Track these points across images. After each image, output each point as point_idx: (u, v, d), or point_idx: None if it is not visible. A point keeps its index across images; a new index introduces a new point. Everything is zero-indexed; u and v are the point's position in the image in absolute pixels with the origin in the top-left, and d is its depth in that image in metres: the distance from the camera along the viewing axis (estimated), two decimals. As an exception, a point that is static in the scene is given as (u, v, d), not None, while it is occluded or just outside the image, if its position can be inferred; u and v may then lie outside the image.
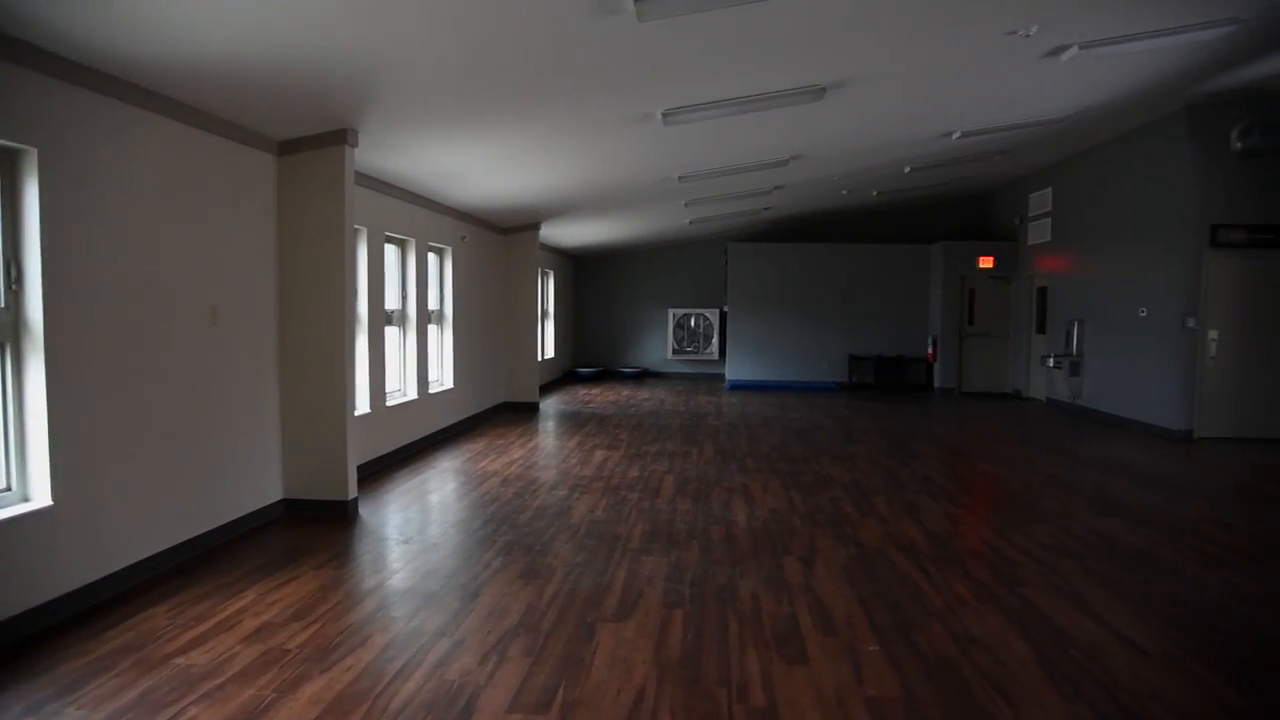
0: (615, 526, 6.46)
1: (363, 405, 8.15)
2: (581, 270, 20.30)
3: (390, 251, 9.25)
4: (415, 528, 6.55)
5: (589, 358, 20.28)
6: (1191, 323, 10.93)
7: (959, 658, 4.06)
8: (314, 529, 6.37)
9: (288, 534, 6.24)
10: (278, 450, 6.76)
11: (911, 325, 17.92)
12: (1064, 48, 7.23)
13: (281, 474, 6.80)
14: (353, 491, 6.90)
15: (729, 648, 4.17)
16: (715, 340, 19.64)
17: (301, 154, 6.67)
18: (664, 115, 7.50)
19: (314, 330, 6.76)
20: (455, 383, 11.18)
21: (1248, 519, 6.87)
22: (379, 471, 8.42)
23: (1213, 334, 10.95)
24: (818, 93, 7.46)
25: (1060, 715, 3.49)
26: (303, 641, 4.22)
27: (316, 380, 6.78)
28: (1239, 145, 10.54)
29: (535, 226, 13.56)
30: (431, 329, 10.66)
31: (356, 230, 7.95)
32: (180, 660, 3.98)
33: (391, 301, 9.30)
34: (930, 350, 17.44)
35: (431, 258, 10.62)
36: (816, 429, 11.79)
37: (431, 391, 10.39)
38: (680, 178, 10.91)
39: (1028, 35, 6.80)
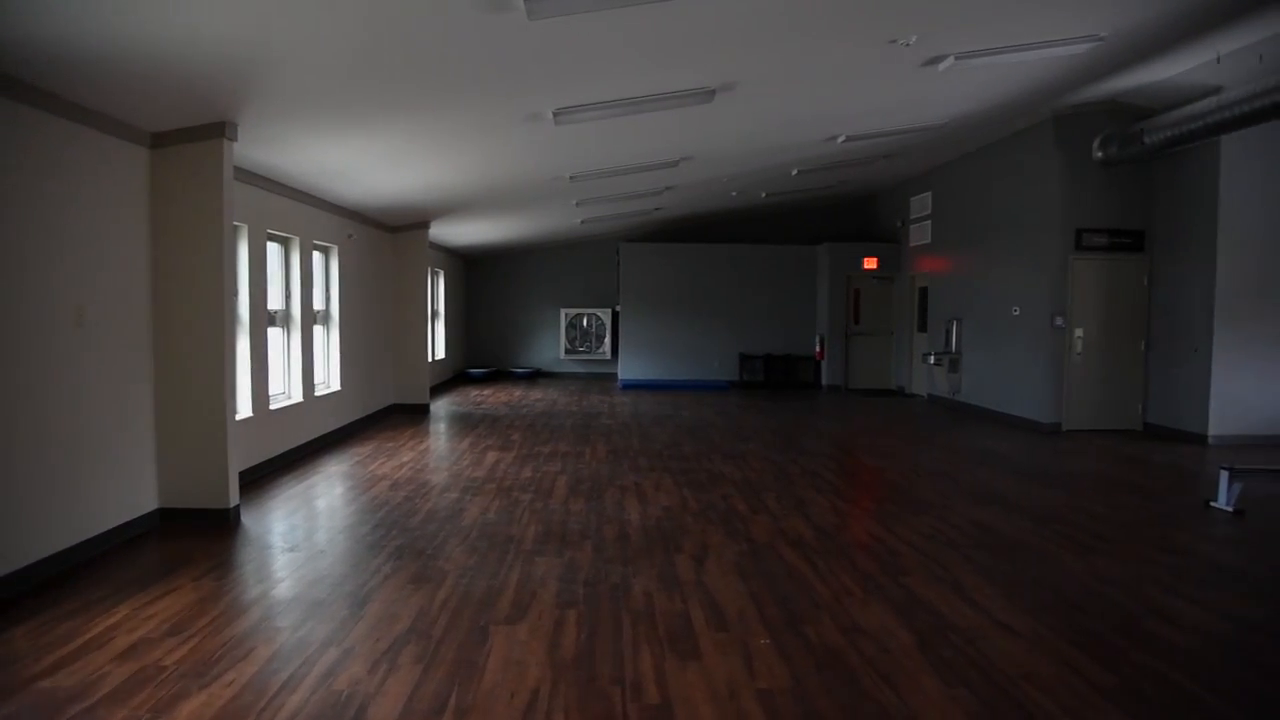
0: (508, 528, 6.41)
1: (244, 409, 7.84)
2: (473, 270, 20.05)
3: (273, 250, 8.94)
4: (301, 535, 6.35)
5: (481, 358, 20.05)
6: (1060, 321, 11.54)
7: (846, 648, 4.18)
8: (193, 539, 6.09)
9: (164, 545, 5.96)
10: (153, 457, 6.44)
11: (800, 324, 18.36)
12: (941, 58, 7.53)
13: (157, 482, 6.48)
14: (234, 499, 6.64)
15: (622, 646, 4.19)
16: (608, 340, 19.69)
17: (176, 147, 6.37)
18: (555, 115, 7.48)
19: (191, 331, 6.47)
20: (342, 385, 10.88)
21: (1108, 506, 7.30)
22: (263, 477, 8.12)
23: (1078, 332, 11.59)
24: (707, 95, 7.57)
25: (940, 699, 3.63)
26: (180, 658, 4.03)
27: (194, 384, 6.49)
28: (1100, 155, 11.19)
29: (425, 225, 13.33)
30: (317, 329, 10.35)
31: (237, 227, 7.64)
32: (44, 683, 3.75)
33: (275, 301, 8.98)
34: (818, 349, 17.90)
35: (317, 256, 10.30)
36: (708, 427, 11.95)
37: (318, 394, 10.08)
38: (571, 177, 10.89)
39: (907, 44, 7.05)
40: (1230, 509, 6.96)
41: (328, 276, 10.73)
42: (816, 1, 5.97)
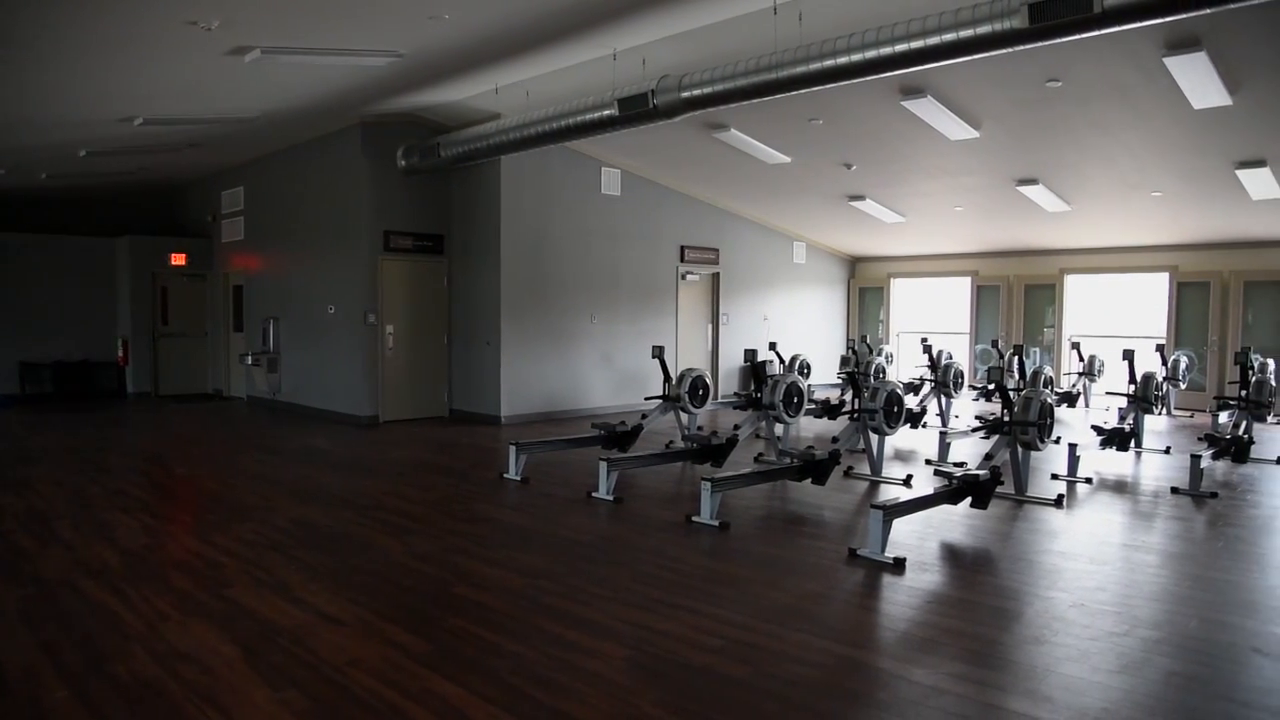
0: None
1: None
2: None
3: None
4: None
5: None
6: (372, 319, 12.15)
7: (164, 678, 3.85)
8: None
9: None
10: None
11: (98, 326, 16.22)
12: (248, 49, 7.34)
13: None
14: None
15: None
16: None
17: None
18: None
19: None
20: None
21: (421, 488, 7.95)
22: None
23: (390, 328, 12.36)
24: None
25: (270, 705, 3.57)
26: None
27: None
28: (403, 163, 12.07)
29: None
30: None
31: None
32: None
33: None
34: (121, 353, 16.07)
35: None
36: (-23, 451, 9.94)
37: None
38: None
39: (209, 29, 6.72)
40: (519, 478, 8.11)
41: None
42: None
